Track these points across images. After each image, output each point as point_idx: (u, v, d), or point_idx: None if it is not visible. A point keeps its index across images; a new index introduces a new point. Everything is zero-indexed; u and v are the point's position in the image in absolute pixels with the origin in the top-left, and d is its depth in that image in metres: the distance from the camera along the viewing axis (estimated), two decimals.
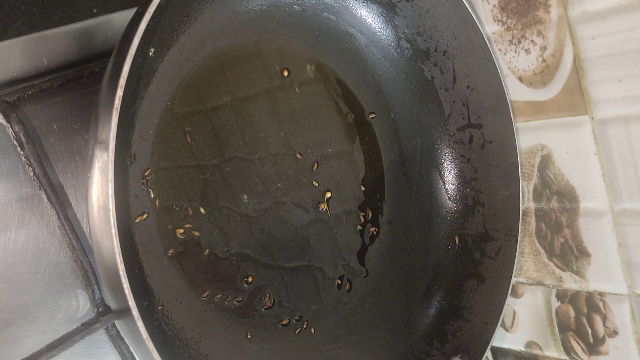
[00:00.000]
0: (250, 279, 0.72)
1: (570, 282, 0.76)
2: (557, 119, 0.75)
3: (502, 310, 0.77)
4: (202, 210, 0.69)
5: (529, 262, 0.81)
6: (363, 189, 0.85)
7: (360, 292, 0.82)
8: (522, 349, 0.83)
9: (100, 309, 0.62)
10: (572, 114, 0.73)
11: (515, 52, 0.77)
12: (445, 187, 0.89)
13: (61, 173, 0.65)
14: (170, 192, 0.67)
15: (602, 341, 0.74)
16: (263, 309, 0.73)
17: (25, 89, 0.62)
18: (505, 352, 0.85)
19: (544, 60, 0.74)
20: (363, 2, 0.83)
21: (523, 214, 0.80)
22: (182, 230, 0.68)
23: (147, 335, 0.53)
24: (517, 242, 0.79)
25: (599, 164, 0.72)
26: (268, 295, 0.73)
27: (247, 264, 0.72)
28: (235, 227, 0.72)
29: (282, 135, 0.77)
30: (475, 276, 0.83)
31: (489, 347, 0.77)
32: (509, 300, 0.81)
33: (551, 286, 0.79)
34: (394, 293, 0.84)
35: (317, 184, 0.80)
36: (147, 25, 0.53)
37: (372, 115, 0.86)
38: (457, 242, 0.87)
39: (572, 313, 0.77)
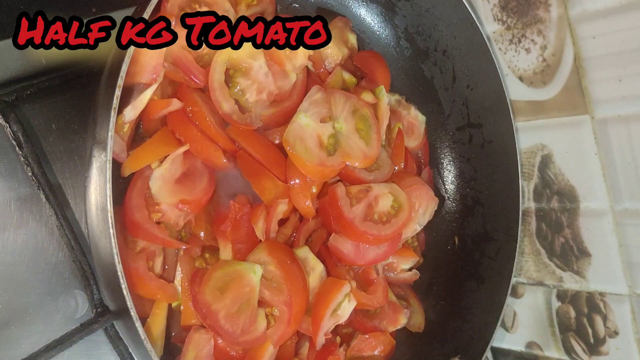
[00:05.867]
0: None
1: (571, 282, 0.76)
2: (558, 119, 0.75)
3: (501, 311, 0.77)
4: None
5: (529, 262, 0.81)
6: None
7: None
8: (523, 349, 0.82)
9: (99, 310, 0.62)
10: (572, 113, 0.73)
11: (516, 52, 0.76)
12: (445, 187, 0.89)
13: (59, 173, 0.64)
14: None
15: (602, 341, 0.74)
16: None
17: (23, 88, 0.61)
18: (506, 353, 0.84)
19: (544, 60, 0.74)
20: (362, 1, 0.83)
21: (523, 214, 0.80)
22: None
23: (145, 335, 0.53)
24: (516, 243, 0.79)
25: (600, 163, 0.71)
26: None
27: None
28: None
29: None
30: (475, 277, 0.83)
31: (489, 347, 0.77)
32: (509, 300, 0.81)
33: (552, 286, 0.79)
34: None
35: None
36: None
37: None
38: (456, 242, 0.87)
39: (572, 313, 0.77)
